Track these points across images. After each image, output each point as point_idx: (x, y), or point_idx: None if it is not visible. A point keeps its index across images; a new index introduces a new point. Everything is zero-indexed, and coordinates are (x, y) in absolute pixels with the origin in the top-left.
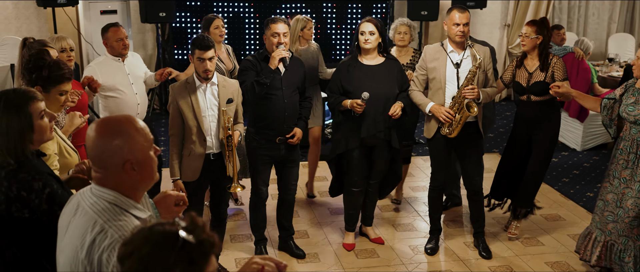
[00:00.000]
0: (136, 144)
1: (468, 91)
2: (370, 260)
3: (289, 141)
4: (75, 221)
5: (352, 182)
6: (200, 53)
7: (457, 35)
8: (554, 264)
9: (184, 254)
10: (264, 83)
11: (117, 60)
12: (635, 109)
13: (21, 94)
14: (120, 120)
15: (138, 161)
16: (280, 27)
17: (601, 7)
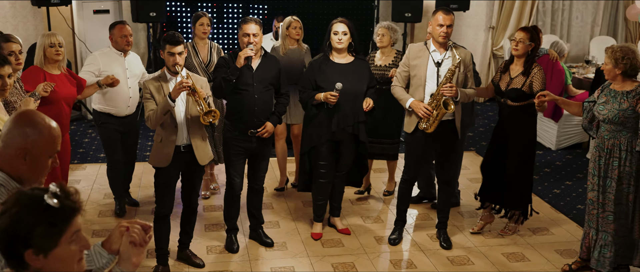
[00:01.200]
0: (41, 142)
1: (446, 89)
2: (335, 249)
3: (259, 133)
4: None
5: (320, 173)
6: (170, 47)
7: (440, 36)
8: (510, 255)
9: (45, 216)
10: (229, 80)
11: (119, 55)
12: (605, 108)
13: None
14: (44, 119)
15: (32, 155)
16: (251, 28)
17: (585, 10)
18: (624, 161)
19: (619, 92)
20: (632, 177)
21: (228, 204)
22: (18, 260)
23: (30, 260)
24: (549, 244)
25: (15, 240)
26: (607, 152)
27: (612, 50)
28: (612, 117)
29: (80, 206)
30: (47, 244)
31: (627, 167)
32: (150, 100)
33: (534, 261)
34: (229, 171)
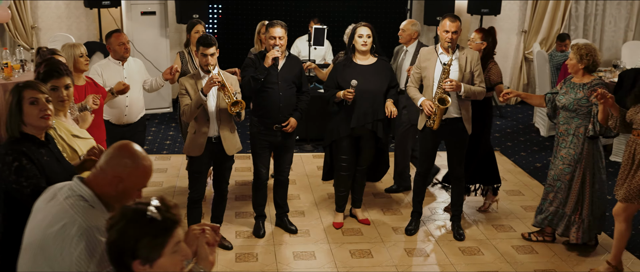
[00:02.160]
0: (136, 175)
1: (446, 84)
2: (354, 237)
3: (284, 128)
4: (48, 208)
5: (341, 167)
6: (203, 49)
7: (446, 41)
8: (519, 247)
9: (149, 228)
10: (258, 79)
11: (118, 64)
12: (564, 98)
13: (26, 82)
14: (143, 155)
15: (126, 186)
16: (277, 31)
17: (618, 15)
18: (569, 143)
19: (578, 84)
20: (574, 159)
21: (255, 193)
22: (127, 270)
23: (138, 270)
24: (559, 239)
25: (123, 252)
26: (559, 136)
27: (578, 47)
28: (568, 104)
29: (180, 218)
30: (152, 254)
31: (571, 149)
32: (185, 96)
33: (541, 254)
34: (255, 162)
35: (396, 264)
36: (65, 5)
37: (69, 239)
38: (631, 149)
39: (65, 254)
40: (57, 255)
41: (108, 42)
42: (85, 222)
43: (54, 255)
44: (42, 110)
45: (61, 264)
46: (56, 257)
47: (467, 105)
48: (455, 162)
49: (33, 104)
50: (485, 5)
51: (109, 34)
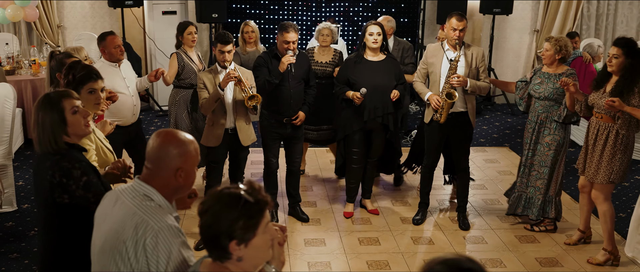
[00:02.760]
0: (192, 159)
1: (453, 80)
2: (363, 226)
3: (294, 121)
4: (115, 211)
5: (353, 159)
6: (221, 46)
7: (453, 38)
8: (521, 237)
9: (245, 210)
10: (273, 82)
11: (114, 66)
12: (541, 88)
13: (58, 92)
14: (183, 135)
15: (186, 173)
16: (291, 36)
17: (630, 15)
18: (553, 130)
19: (553, 75)
20: (559, 144)
21: (266, 182)
22: (222, 251)
23: (234, 250)
24: (560, 230)
25: (220, 234)
26: (540, 124)
27: (555, 40)
28: (548, 94)
29: (269, 199)
30: (247, 234)
31: (556, 135)
32: (204, 90)
33: (543, 243)
34: (266, 153)
35: (402, 251)
36: (90, 5)
37: (142, 241)
38: (595, 128)
39: (140, 256)
40: (132, 257)
41: (102, 44)
42: (156, 224)
43: (130, 258)
44: (85, 118)
45: (136, 267)
46: (131, 260)
47: (472, 99)
48: (461, 155)
49: (75, 114)
50: (497, 5)
51: (102, 37)
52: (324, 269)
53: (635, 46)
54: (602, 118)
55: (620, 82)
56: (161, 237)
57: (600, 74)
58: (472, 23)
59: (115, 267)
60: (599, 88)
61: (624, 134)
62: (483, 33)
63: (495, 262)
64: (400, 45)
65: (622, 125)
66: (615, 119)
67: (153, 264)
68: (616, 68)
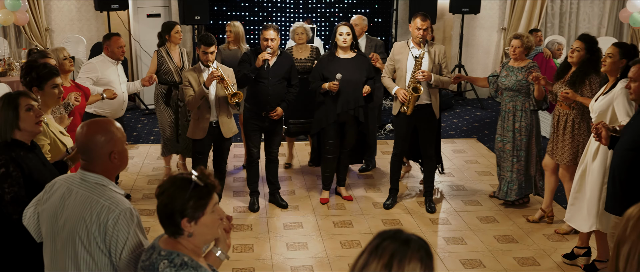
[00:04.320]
0: (118, 139)
1: (418, 75)
2: (338, 211)
3: (271, 116)
4: (72, 201)
5: (327, 150)
6: (205, 48)
7: (417, 37)
8: (483, 218)
9: (195, 192)
10: (250, 77)
11: (113, 63)
12: (506, 80)
13: (18, 92)
14: (104, 120)
15: (119, 152)
16: (270, 34)
17: (591, 13)
18: (520, 117)
19: (516, 68)
20: (526, 129)
21: (249, 169)
22: (175, 227)
23: (185, 226)
24: (519, 211)
25: (174, 212)
26: (508, 112)
27: (526, 36)
28: (512, 85)
29: (217, 183)
30: (196, 213)
31: (523, 122)
32: (189, 87)
33: (501, 223)
34: (248, 144)
35: (373, 232)
36: (76, 9)
37: (104, 224)
38: (557, 115)
39: (101, 238)
40: (94, 241)
41: (107, 43)
42: (116, 207)
43: (94, 241)
44: (38, 117)
45: (96, 250)
46: (97, 243)
47: (435, 93)
48: (426, 144)
49: (29, 111)
50: (465, 5)
51: (108, 36)
52: (301, 249)
53: (595, 44)
54: (561, 106)
55: (575, 73)
56: (121, 219)
57: (561, 65)
58: (442, 22)
59: (84, 252)
60: (560, 78)
61: (578, 122)
62: (453, 31)
63: (458, 240)
64: (372, 42)
65: (577, 113)
66: (571, 107)
67: (113, 244)
68: (576, 60)
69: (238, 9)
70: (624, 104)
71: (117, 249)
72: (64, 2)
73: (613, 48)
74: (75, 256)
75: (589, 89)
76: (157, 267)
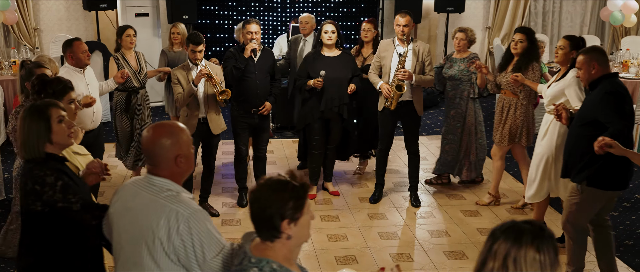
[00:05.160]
0: (184, 143)
1: (400, 73)
2: (324, 206)
3: (260, 111)
4: (137, 205)
5: (313, 146)
6: (193, 47)
7: (398, 34)
8: (466, 211)
9: (293, 192)
10: (239, 68)
11: (79, 72)
12: (450, 71)
13: (46, 102)
14: (170, 123)
15: (187, 157)
16: (253, 27)
17: (574, 12)
18: (457, 104)
19: (459, 59)
20: (461, 116)
21: (237, 166)
22: (275, 230)
23: (285, 229)
24: (502, 205)
25: (273, 215)
26: (449, 100)
27: (469, 31)
28: (454, 75)
29: (309, 183)
30: (296, 214)
31: (459, 108)
32: (178, 85)
33: (484, 216)
34: (236, 141)
35: (359, 225)
36: (65, 8)
37: (175, 229)
38: (501, 103)
39: (175, 243)
40: (166, 246)
41: (69, 50)
42: (185, 210)
43: (164, 247)
44: (69, 128)
45: (171, 254)
46: (166, 249)
47: (418, 91)
48: (411, 140)
49: (61, 123)
50: (450, 4)
51: (69, 43)
52: None
53: (534, 35)
54: (506, 94)
55: (520, 61)
56: (193, 221)
57: (503, 58)
58: (428, 21)
59: (148, 258)
60: (504, 69)
61: (525, 104)
62: (438, 30)
63: (441, 232)
64: None
65: (524, 97)
66: (518, 92)
67: (190, 248)
68: (520, 50)
69: (226, 8)
70: (576, 91)
71: (196, 253)
72: (52, 2)
73: (564, 41)
74: (140, 261)
75: (532, 74)
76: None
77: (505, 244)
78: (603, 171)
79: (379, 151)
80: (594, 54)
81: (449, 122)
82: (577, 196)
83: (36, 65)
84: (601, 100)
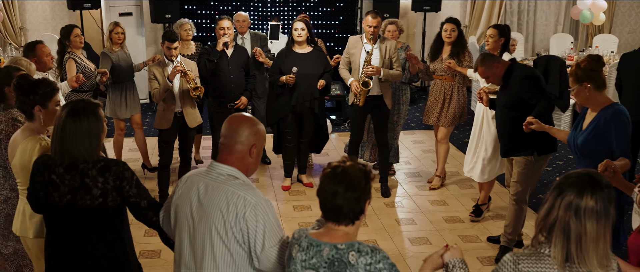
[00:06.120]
0: (262, 135)
1: (368, 70)
2: (298, 196)
3: (236, 105)
4: (209, 193)
5: (287, 139)
6: (168, 44)
7: (369, 33)
8: (434, 201)
9: (366, 175)
10: (212, 60)
11: (45, 76)
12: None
13: (91, 102)
14: (251, 117)
15: (259, 148)
16: (225, 23)
17: (548, 11)
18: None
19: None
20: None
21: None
22: (360, 211)
23: (366, 208)
24: (469, 194)
25: (360, 197)
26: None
27: (399, 22)
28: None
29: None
30: (370, 194)
31: (393, 98)
32: (154, 80)
33: (451, 206)
34: (214, 136)
35: None
36: (50, 8)
37: (242, 214)
38: (439, 89)
39: (242, 228)
40: (235, 231)
41: (32, 54)
42: (252, 198)
43: (234, 232)
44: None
45: (240, 239)
46: (235, 234)
47: (386, 85)
48: (380, 132)
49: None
50: (427, 4)
51: (32, 46)
52: None
53: (460, 25)
54: (445, 79)
55: (456, 48)
56: (259, 209)
57: (433, 47)
58: (406, 20)
59: (218, 240)
60: (436, 57)
61: (462, 87)
62: (417, 29)
63: (409, 221)
64: (256, 37)
65: (460, 80)
66: (454, 76)
67: (252, 233)
68: (453, 39)
69: (207, 8)
70: None
71: (257, 240)
72: (38, 2)
73: (492, 30)
74: (211, 247)
75: (469, 59)
76: (347, 260)
77: (569, 196)
78: (543, 139)
79: (349, 143)
80: (487, 59)
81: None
82: (527, 167)
83: (15, 68)
84: (521, 86)
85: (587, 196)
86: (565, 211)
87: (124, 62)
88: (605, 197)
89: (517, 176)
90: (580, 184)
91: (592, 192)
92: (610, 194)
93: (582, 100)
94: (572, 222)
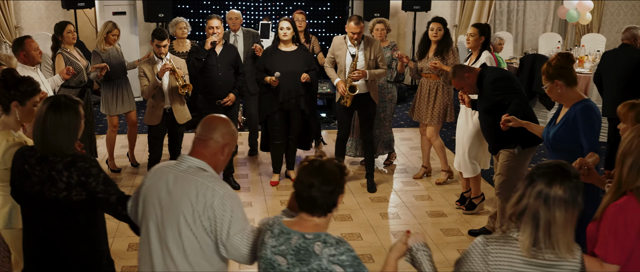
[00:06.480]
0: (234, 136)
1: (354, 75)
2: (286, 191)
3: (224, 102)
4: (177, 182)
5: (275, 136)
6: (158, 42)
7: (352, 38)
8: (418, 196)
9: (342, 170)
10: (200, 59)
11: (33, 70)
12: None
13: (72, 99)
14: (227, 118)
15: (230, 148)
16: (214, 23)
17: (537, 11)
18: (381, 89)
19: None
20: (380, 100)
21: None
22: (334, 204)
23: (339, 201)
24: (452, 190)
25: (334, 191)
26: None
27: (387, 22)
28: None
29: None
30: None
31: (381, 94)
32: (144, 78)
33: (435, 201)
34: None
35: None
36: (45, 7)
37: (210, 204)
38: (426, 87)
39: (210, 218)
40: (202, 220)
41: (21, 49)
42: (220, 189)
43: (201, 221)
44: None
45: (206, 227)
46: (203, 222)
47: (373, 83)
48: (366, 129)
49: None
50: (417, 3)
51: (20, 41)
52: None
53: (446, 24)
54: (431, 77)
55: (441, 46)
56: (227, 199)
57: (420, 47)
58: (396, 19)
59: (186, 229)
60: (423, 56)
61: (445, 85)
62: (407, 28)
63: (393, 215)
64: (249, 34)
65: (445, 78)
66: (439, 75)
67: (219, 223)
68: (439, 38)
69: (200, 7)
70: None
71: (223, 228)
72: (32, 1)
73: (473, 28)
74: (180, 236)
75: (453, 58)
76: (312, 250)
77: (540, 185)
78: (525, 134)
79: (337, 139)
80: (458, 70)
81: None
82: (510, 159)
83: None
84: (493, 88)
85: (556, 186)
86: (535, 199)
87: (115, 59)
88: (574, 187)
89: (500, 167)
90: (550, 174)
91: (561, 182)
92: (578, 183)
93: (555, 96)
94: (542, 210)
